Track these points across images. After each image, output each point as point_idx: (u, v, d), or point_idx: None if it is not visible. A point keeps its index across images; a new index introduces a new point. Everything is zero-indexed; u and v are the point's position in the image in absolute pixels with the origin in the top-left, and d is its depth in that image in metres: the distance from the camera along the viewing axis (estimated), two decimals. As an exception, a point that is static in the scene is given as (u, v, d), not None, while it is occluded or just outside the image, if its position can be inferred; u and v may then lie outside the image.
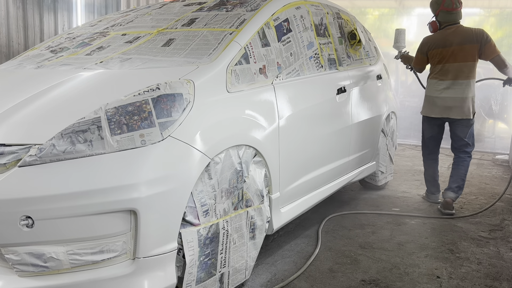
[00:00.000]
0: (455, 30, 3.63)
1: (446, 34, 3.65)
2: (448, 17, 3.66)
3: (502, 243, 3.04)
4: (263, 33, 2.52)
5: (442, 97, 3.65)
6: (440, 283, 2.45)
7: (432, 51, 3.70)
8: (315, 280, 2.43)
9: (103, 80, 2.12)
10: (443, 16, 3.67)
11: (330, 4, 3.53)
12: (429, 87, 3.76)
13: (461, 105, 3.59)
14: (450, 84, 3.61)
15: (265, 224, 2.36)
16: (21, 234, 1.63)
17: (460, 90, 3.58)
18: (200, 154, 1.89)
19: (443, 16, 3.68)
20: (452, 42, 3.60)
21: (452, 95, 3.60)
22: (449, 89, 3.61)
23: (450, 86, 3.61)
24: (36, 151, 1.68)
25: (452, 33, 3.62)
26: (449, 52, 3.61)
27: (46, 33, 5.90)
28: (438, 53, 3.66)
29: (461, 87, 3.58)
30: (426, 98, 3.82)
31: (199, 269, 1.94)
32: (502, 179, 4.95)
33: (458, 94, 3.59)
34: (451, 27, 3.66)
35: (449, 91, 3.61)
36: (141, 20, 2.92)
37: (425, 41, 3.77)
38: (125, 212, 1.70)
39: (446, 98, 3.63)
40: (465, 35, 3.58)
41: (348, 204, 3.82)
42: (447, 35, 3.64)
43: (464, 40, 3.57)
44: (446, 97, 3.63)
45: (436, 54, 3.67)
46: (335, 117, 3.09)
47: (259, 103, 2.34)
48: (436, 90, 3.68)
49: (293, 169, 2.62)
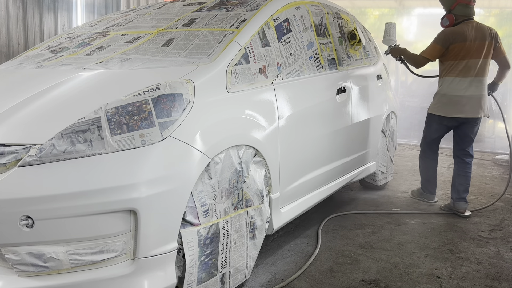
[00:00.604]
0: (475, 26, 3.50)
1: (468, 28, 3.47)
2: (466, 10, 3.52)
3: (502, 243, 3.04)
4: (263, 33, 2.52)
5: (468, 96, 3.48)
6: (440, 283, 2.45)
7: (456, 45, 3.47)
8: (315, 280, 2.43)
9: (103, 80, 2.12)
10: (461, 9, 3.51)
11: (330, 4, 3.53)
12: (450, 85, 3.54)
13: (484, 102, 3.52)
14: (471, 81, 3.48)
15: (265, 224, 2.36)
16: (21, 234, 1.63)
17: (481, 87, 3.51)
18: (200, 154, 1.89)
19: (461, 10, 3.52)
20: (475, 37, 3.46)
21: (476, 92, 3.49)
22: (472, 87, 3.48)
23: (472, 84, 3.48)
24: (36, 151, 1.68)
25: (474, 28, 3.48)
26: (474, 47, 3.45)
27: (46, 33, 5.90)
28: (462, 48, 3.46)
29: (481, 84, 3.50)
30: (445, 98, 3.57)
31: (200, 269, 1.94)
32: (502, 179, 4.95)
33: (480, 92, 3.50)
34: (469, 21, 3.52)
35: (472, 89, 3.48)
36: (141, 20, 2.92)
37: (449, 33, 3.50)
38: (125, 212, 1.70)
39: (472, 97, 3.48)
40: (484, 32, 3.49)
41: (348, 204, 3.82)
42: (468, 29, 3.47)
43: (485, 36, 3.47)
44: (472, 95, 3.48)
45: (461, 48, 3.46)
46: (335, 117, 3.09)
47: (259, 103, 2.34)
48: (460, 89, 3.49)
49: (293, 169, 2.62)
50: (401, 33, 7.52)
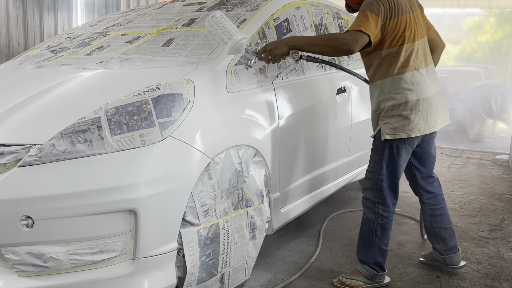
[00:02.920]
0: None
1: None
2: None
3: (502, 243, 3.04)
4: (263, 33, 2.52)
5: (436, 96, 2.31)
6: (440, 283, 2.45)
7: (398, 19, 2.20)
8: (315, 280, 2.43)
9: (103, 80, 2.13)
10: None
11: (330, 4, 3.52)
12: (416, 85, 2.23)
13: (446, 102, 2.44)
14: (427, 73, 2.31)
15: (265, 224, 2.36)
16: (21, 234, 1.63)
17: (438, 80, 2.40)
18: (200, 154, 1.89)
19: None
20: (412, 5, 2.31)
21: (439, 88, 2.37)
22: (432, 81, 2.31)
23: (430, 76, 2.32)
24: (36, 151, 1.68)
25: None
26: (416, 21, 2.30)
27: (46, 33, 5.90)
28: (406, 23, 2.23)
29: (436, 76, 2.39)
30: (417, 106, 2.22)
31: (201, 269, 1.94)
32: (502, 179, 4.95)
33: (440, 86, 2.40)
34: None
35: (434, 85, 2.32)
36: (141, 20, 2.92)
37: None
38: (125, 212, 1.70)
39: (439, 96, 2.34)
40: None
41: (348, 204, 3.82)
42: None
43: (416, 2, 2.39)
44: (438, 93, 2.34)
45: (404, 24, 2.22)
46: (335, 117, 3.09)
47: (259, 103, 2.34)
48: (428, 86, 2.27)
49: (293, 169, 2.62)
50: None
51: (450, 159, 5.64)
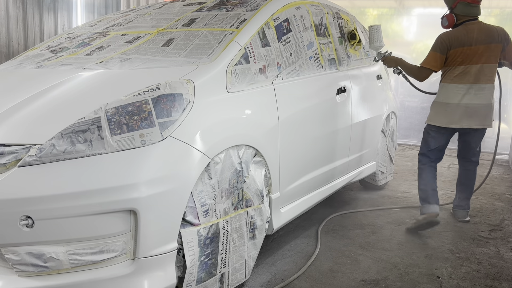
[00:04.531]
0: (478, 27, 3.14)
1: (468, 30, 3.13)
2: (469, 10, 3.16)
3: (502, 243, 3.04)
4: (263, 33, 2.52)
5: (464, 104, 3.15)
6: (440, 283, 2.45)
7: (454, 50, 3.14)
8: (315, 280, 2.43)
9: (103, 80, 2.12)
10: (462, 9, 3.16)
11: (330, 4, 3.53)
12: (446, 93, 3.22)
13: (485, 113, 3.17)
14: (468, 88, 3.14)
15: (265, 224, 2.36)
16: (21, 234, 1.63)
17: (483, 95, 3.15)
18: (200, 154, 1.89)
19: (462, 9, 3.16)
20: (477, 40, 3.11)
21: (474, 101, 3.15)
22: (469, 95, 3.15)
23: (470, 91, 3.14)
24: (36, 151, 1.68)
25: (476, 30, 3.13)
26: (474, 51, 3.11)
27: (46, 33, 5.90)
28: (461, 53, 3.13)
29: (483, 92, 3.15)
30: (440, 106, 3.25)
31: (200, 269, 1.94)
32: (502, 179, 4.95)
33: (481, 101, 3.15)
34: (472, 22, 3.16)
35: (469, 97, 3.15)
36: (141, 20, 2.92)
37: (445, 38, 3.16)
38: (125, 212, 1.70)
39: (469, 105, 3.14)
40: (490, 33, 3.12)
41: (348, 204, 3.82)
42: (469, 31, 3.13)
43: (489, 39, 3.11)
44: (468, 104, 3.15)
45: (459, 53, 3.13)
46: (335, 117, 3.09)
47: (259, 103, 2.34)
48: (456, 96, 3.16)
49: (293, 169, 2.62)
50: (401, 33, 7.53)
51: (450, 159, 5.64)
